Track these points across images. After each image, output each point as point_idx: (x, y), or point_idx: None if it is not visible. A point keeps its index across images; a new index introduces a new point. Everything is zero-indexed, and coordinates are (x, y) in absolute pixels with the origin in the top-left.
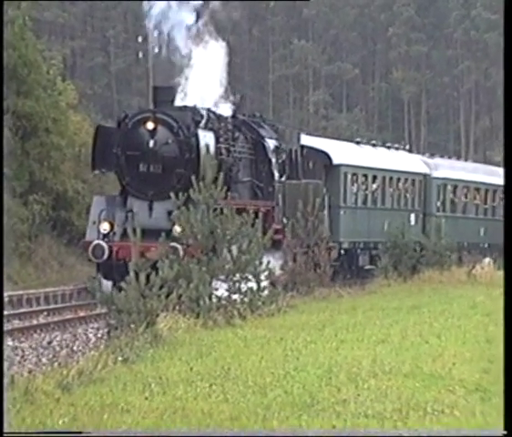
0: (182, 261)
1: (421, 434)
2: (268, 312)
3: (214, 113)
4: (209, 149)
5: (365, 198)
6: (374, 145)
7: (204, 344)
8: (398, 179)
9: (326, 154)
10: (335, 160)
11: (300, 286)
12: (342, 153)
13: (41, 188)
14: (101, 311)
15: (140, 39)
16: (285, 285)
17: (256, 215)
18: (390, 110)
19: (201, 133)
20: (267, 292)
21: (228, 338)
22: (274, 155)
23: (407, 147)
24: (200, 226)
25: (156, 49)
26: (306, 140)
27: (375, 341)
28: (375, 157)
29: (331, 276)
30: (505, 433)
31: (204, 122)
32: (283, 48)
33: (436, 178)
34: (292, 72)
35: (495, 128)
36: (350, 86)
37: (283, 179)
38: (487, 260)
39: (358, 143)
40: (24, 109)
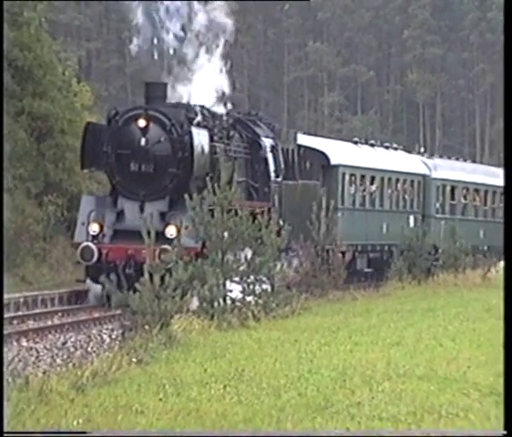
0: (196, 263)
1: (430, 434)
2: (282, 314)
3: (208, 110)
4: (203, 148)
5: (363, 200)
6: (373, 145)
7: (218, 346)
8: (397, 180)
9: (324, 154)
10: (333, 160)
11: (314, 288)
12: (339, 153)
13: (56, 189)
14: (115, 313)
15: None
16: (299, 286)
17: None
18: (405, 113)
19: (195, 131)
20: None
21: (242, 340)
22: (270, 154)
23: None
24: (216, 227)
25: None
26: (303, 140)
27: (390, 344)
28: (374, 157)
29: (344, 278)
30: (505, 433)
31: (198, 119)
32: (298, 50)
33: (436, 179)
34: (307, 74)
35: None
36: (364, 89)
37: (280, 180)
38: (502, 263)
39: (356, 143)
40: (39, 111)
